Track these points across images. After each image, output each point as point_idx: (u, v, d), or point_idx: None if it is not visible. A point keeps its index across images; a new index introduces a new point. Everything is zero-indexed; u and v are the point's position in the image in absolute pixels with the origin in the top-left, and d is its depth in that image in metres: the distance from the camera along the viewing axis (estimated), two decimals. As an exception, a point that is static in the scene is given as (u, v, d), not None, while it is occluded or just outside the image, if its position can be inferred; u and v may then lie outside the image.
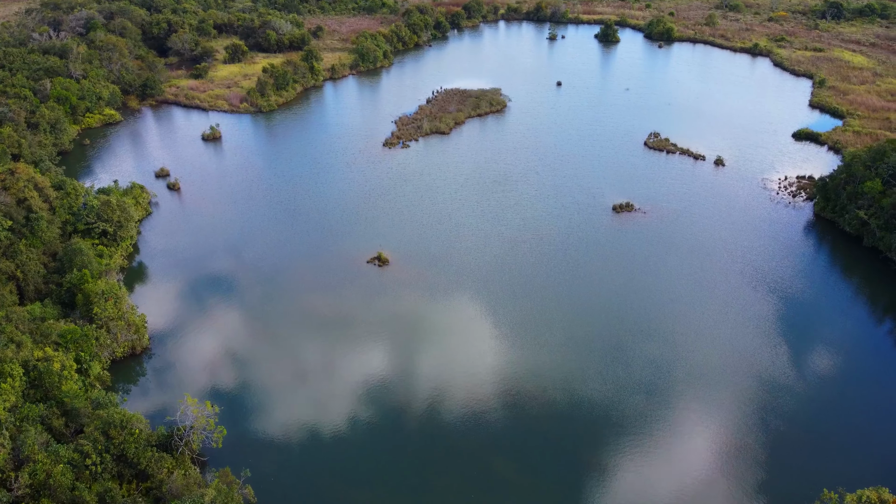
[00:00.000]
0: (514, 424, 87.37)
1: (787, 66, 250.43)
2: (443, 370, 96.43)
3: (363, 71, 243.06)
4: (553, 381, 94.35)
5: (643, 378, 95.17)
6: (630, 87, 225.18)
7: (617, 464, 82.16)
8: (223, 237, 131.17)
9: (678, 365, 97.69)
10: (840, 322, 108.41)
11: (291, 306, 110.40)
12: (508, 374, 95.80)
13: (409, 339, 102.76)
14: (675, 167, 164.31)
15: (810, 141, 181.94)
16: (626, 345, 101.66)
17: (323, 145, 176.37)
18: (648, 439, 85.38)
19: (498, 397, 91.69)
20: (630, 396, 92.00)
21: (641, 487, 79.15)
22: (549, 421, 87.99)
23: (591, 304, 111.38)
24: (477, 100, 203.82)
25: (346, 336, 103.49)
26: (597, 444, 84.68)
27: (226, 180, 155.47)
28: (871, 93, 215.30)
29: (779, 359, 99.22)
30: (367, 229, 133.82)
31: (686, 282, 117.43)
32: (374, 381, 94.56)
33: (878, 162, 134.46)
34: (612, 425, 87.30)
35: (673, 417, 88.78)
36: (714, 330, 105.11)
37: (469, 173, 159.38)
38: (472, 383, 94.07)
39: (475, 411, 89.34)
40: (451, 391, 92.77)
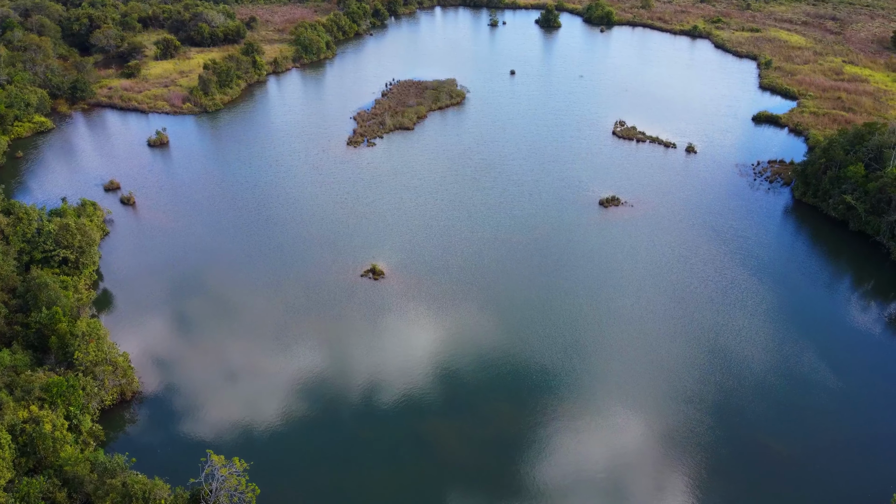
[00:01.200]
0: (534, 445, 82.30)
1: (729, 48, 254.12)
2: (462, 389, 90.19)
3: (307, 63, 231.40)
4: (570, 392, 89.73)
5: (679, 383, 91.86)
6: (583, 75, 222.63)
7: (664, 476, 78.44)
8: (194, 255, 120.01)
9: (703, 365, 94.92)
10: (846, 308, 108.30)
11: (289, 330, 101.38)
12: (524, 387, 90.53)
13: (427, 358, 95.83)
14: (649, 156, 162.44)
15: (770, 124, 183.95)
16: (652, 346, 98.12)
17: (282, 146, 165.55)
18: (678, 442, 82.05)
19: (519, 414, 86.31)
20: (668, 404, 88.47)
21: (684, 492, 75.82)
22: (567, 436, 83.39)
23: (598, 306, 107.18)
24: (435, 92, 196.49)
25: (359, 362, 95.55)
26: (637, 454, 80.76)
27: (184, 190, 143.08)
28: (815, 72, 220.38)
29: (805, 355, 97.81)
30: (352, 238, 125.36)
31: (687, 276, 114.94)
32: (409, 417, 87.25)
33: (858, 146, 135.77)
34: (646, 438, 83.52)
35: (710, 425, 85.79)
36: (727, 322, 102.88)
37: (444, 171, 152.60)
38: (494, 406, 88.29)
39: (503, 438, 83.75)
40: (477, 416, 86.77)
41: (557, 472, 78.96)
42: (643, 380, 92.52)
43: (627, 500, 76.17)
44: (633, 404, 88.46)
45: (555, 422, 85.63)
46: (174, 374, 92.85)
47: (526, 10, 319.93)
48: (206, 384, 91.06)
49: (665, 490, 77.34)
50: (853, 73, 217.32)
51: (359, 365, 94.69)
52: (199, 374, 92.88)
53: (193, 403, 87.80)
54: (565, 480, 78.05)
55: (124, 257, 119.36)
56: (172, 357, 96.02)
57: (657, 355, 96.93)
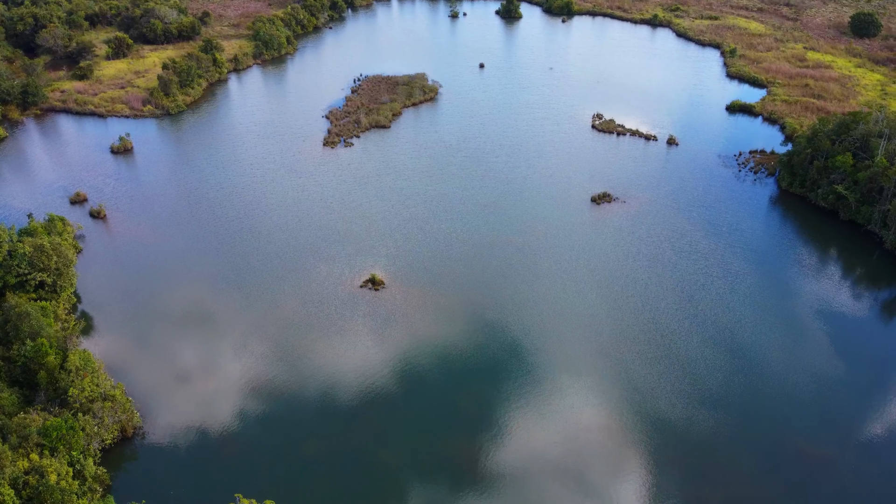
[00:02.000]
0: (563, 460, 79.56)
1: (691, 37, 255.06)
2: (487, 405, 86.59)
3: (268, 60, 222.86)
4: (599, 402, 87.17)
5: (704, 386, 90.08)
6: (553, 67, 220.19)
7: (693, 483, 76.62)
8: (177, 271, 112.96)
9: (724, 366, 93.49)
10: (855, 300, 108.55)
11: (293, 350, 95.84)
12: (548, 399, 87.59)
13: (446, 373, 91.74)
14: (631, 150, 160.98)
15: (744, 113, 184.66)
16: (671, 348, 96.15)
17: (255, 148, 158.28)
18: (703, 444, 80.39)
19: (545, 429, 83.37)
20: (697, 410, 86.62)
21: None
22: (598, 450, 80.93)
23: (609, 308, 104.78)
24: (408, 87, 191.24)
25: (374, 381, 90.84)
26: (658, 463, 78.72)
27: (157, 200, 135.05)
28: (779, 59, 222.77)
29: (825, 351, 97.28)
30: (344, 246, 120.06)
31: (692, 272, 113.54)
32: (436, 438, 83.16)
33: (843, 136, 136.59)
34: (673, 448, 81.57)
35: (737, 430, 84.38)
36: (740, 319, 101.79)
37: (429, 171, 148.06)
38: (521, 421, 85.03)
39: (532, 452, 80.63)
40: (505, 432, 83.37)
41: (588, 481, 76.14)
42: (668, 385, 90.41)
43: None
44: (661, 411, 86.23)
45: (585, 434, 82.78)
46: (175, 405, 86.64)
47: (484, 1, 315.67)
48: (210, 413, 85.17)
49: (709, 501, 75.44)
50: (816, 60, 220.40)
51: (375, 383, 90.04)
52: (201, 403, 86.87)
53: (201, 436, 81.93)
54: (597, 487, 75.31)
55: (102, 277, 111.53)
56: (169, 385, 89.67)
57: (677, 358, 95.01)
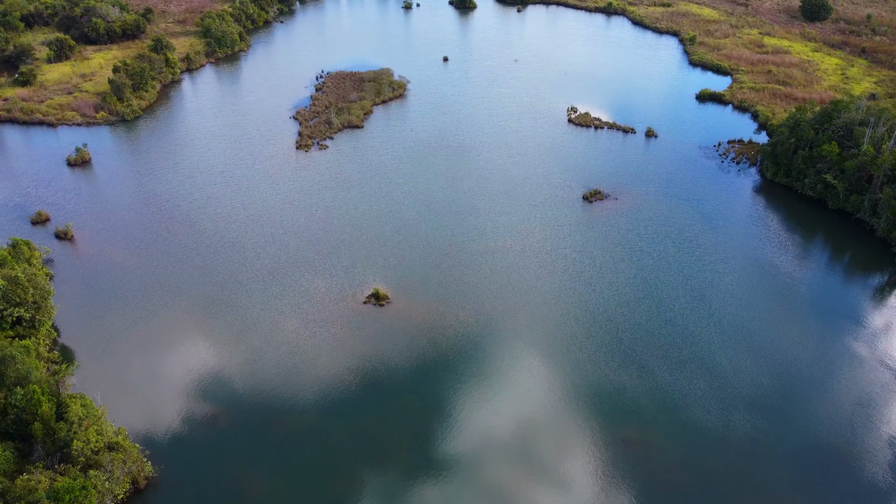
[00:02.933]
0: (604, 476, 76.85)
1: (647, 24, 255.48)
2: (530, 431, 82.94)
3: (221, 58, 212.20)
4: (631, 412, 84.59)
5: (734, 390, 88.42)
6: (518, 59, 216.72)
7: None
8: (161, 294, 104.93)
9: (750, 367, 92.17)
10: (857, 290, 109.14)
11: (304, 378, 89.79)
12: (584, 415, 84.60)
13: (477, 398, 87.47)
14: (611, 144, 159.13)
15: (714, 101, 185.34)
16: (696, 352, 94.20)
17: (223, 154, 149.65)
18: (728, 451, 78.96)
19: (584, 444, 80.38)
20: (733, 415, 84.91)
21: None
22: (635, 463, 78.51)
23: (627, 313, 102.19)
24: (376, 84, 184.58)
25: (402, 414, 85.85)
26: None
27: (126, 216, 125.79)
28: (738, 45, 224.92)
29: (852, 348, 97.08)
30: (339, 257, 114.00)
31: (700, 269, 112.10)
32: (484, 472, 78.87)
33: (826, 124, 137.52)
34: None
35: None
36: (758, 317, 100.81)
37: (411, 171, 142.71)
38: (562, 442, 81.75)
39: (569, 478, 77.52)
40: (542, 457, 79.92)
41: (632, 498, 73.61)
42: (698, 390, 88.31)
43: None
44: (697, 419, 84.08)
45: (624, 449, 79.97)
46: (184, 448, 79.83)
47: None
48: (225, 455, 78.75)
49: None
50: (774, 45, 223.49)
51: (406, 414, 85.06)
52: (212, 443, 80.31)
53: (223, 483, 75.51)
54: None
55: (79, 306, 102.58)
56: (174, 425, 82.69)
57: (702, 361, 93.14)
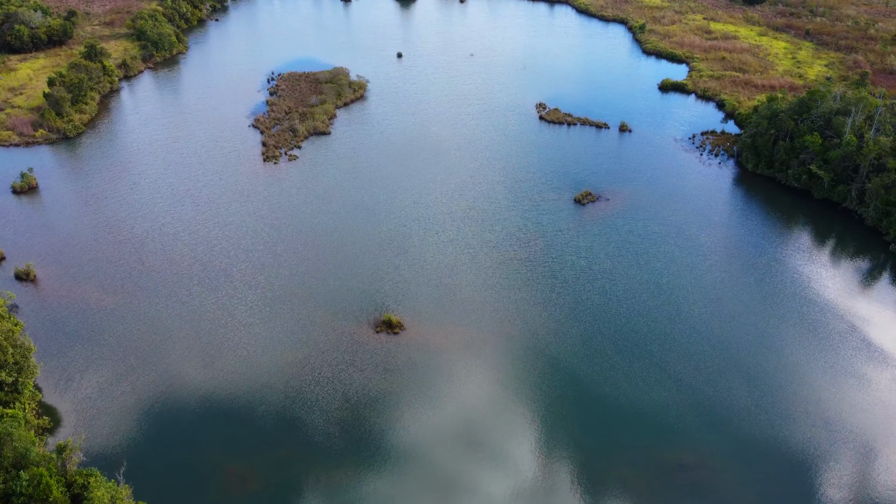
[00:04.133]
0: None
1: (593, 13, 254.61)
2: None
3: (160, 62, 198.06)
4: (679, 435, 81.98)
5: (773, 400, 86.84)
6: (474, 53, 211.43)
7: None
8: (150, 336, 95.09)
9: (789, 382, 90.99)
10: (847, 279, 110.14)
11: (326, 428, 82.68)
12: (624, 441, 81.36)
13: (518, 430, 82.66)
14: (587, 141, 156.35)
15: (676, 91, 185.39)
16: (731, 364, 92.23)
17: (185, 172, 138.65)
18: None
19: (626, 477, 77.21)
20: (797, 432, 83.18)
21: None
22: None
23: (648, 323, 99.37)
24: (334, 85, 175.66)
25: (423, 453, 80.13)
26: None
27: (91, 250, 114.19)
28: (686, 32, 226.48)
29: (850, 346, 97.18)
30: (341, 283, 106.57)
31: (708, 271, 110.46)
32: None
33: (805, 115, 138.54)
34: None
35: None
36: (782, 320, 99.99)
37: (393, 180, 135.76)
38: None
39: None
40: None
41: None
42: (743, 403, 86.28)
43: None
44: (750, 434, 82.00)
45: (682, 472, 77.04)
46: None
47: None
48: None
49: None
50: (722, 31, 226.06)
51: (442, 454, 79.43)
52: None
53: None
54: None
55: (57, 357, 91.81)
56: (201, 496, 74.48)
57: (738, 370, 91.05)
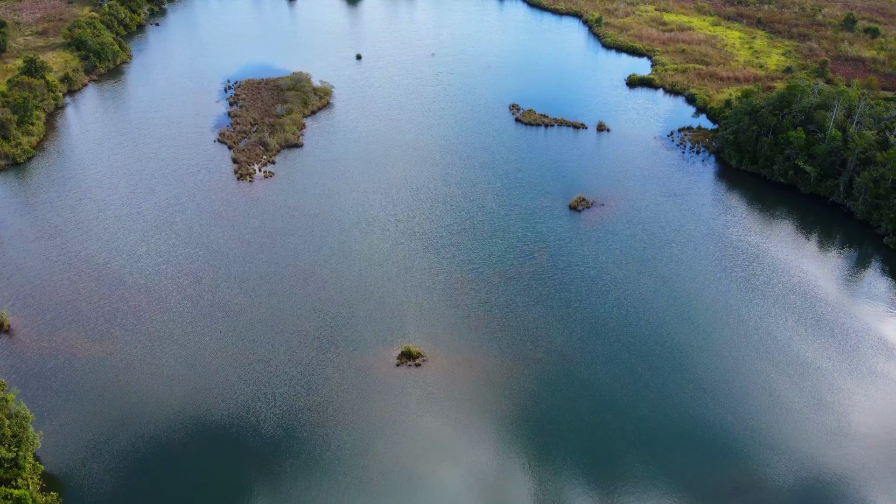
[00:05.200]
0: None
1: (546, 6, 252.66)
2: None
3: (104, 73, 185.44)
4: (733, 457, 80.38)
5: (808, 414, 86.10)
6: (435, 53, 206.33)
7: None
8: (151, 387, 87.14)
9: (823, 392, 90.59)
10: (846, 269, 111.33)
11: (353, 475, 77.44)
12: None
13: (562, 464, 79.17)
14: (567, 142, 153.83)
15: (644, 86, 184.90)
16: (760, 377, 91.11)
17: (153, 195, 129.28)
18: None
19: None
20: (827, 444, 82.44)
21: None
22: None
23: (679, 337, 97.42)
24: (300, 93, 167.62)
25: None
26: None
27: (66, 290, 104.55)
28: (642, 24, 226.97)
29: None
30: (350, 312, 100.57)
31: (715, 274, 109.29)
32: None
33: (786, 110, 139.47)
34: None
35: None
36: (800, 322, 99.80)
37: (381, 195, 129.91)
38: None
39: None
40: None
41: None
42: (785, 417, 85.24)
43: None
44: (800, 452, 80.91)
45: (738, 495, 75.23)
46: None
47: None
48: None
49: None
50: (676, 22, 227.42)
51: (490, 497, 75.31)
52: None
53: None
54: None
55: (51, 418, 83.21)
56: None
57: (768, 384, 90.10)
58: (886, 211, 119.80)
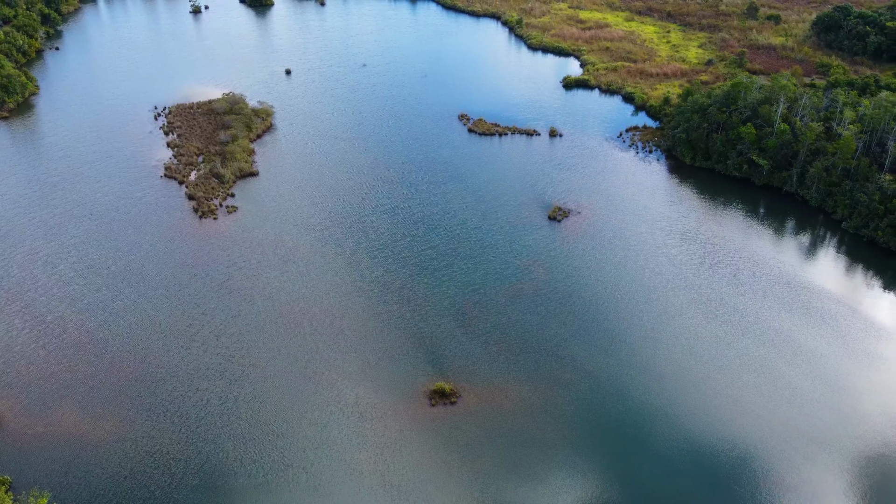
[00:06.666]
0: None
1: (462, 8, 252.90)
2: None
3: (14, 109, 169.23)
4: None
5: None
6: (366, 63, 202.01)
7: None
8: (163, 461, 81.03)
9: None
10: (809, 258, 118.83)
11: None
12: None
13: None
14: (523, 150, 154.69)
15: (580, 87, 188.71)
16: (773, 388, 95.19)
17: (110, 243, 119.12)
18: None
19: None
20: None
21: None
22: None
23: (702, 351, 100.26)
24: (242, 117, 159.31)
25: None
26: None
27: (48, 363, 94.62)
28: (560, 23, 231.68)
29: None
30: (367, 354, 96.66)
31: (708, 281, 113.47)
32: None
33: (732, 106, 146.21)
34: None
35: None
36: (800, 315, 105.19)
37: (358, 220, 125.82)
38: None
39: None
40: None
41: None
42: (833, 432, 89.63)
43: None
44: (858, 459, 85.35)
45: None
46: None
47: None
48: None
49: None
50: (593, 19, 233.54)
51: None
52: None
53: None
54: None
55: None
56: None
57: (803, 403, 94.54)
58: (840, 197, 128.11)
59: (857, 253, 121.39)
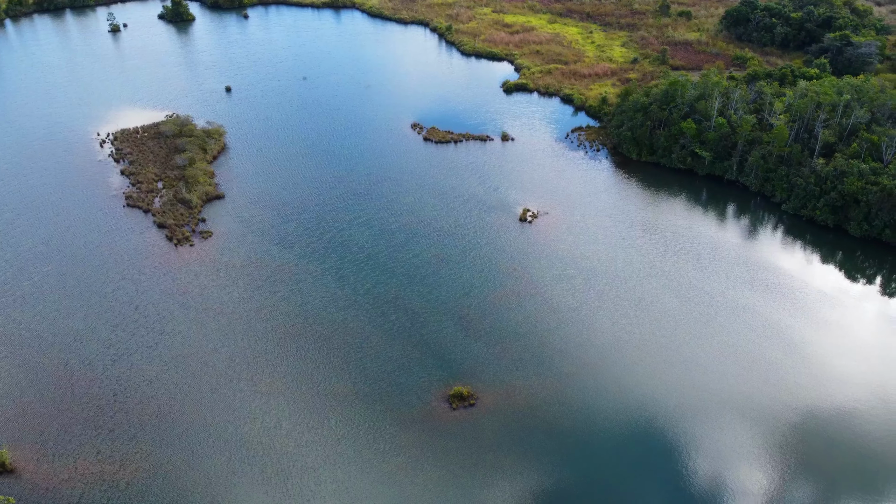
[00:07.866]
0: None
1: (388, 16, 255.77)
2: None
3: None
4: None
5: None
6: (307, 76, 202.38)
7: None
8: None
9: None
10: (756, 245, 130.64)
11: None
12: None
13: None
14: (478, 155, 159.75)
15: (520, 91, 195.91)
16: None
17: (81, 284, 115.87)
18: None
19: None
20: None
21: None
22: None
23: (712, 353, 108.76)
24: (195, 139, 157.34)
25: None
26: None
27: (56, 404, 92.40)
28: (489, 28, 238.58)
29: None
30: (377, 368, 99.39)
31: (690, 275, 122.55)
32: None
33: (671, 103, 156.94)
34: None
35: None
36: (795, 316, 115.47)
37: (338, 235, 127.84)
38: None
39: None
40: None
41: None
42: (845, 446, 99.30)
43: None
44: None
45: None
46: None
47: (131, 3, 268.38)
48: None
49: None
50: (518, 23, 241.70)
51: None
52: None
53: None
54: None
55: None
56: None
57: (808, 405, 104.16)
58: (778, 182, 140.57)
59: (800, 231, 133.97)
